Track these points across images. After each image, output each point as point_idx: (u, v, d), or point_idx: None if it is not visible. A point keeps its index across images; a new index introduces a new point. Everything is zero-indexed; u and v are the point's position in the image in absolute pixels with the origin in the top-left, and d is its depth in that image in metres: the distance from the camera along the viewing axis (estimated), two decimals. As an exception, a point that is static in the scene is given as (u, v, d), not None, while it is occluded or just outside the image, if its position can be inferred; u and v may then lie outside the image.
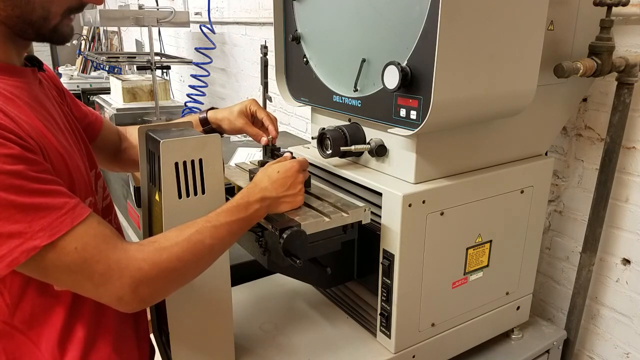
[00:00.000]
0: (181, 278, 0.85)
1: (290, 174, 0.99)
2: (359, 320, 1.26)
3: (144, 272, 0.78)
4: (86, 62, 5.35)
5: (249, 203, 0.92)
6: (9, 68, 0.83)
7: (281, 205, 0.99)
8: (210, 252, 0.86)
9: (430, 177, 1.09)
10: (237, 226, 0.90)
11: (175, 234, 0.83)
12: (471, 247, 1.18)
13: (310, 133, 1.33)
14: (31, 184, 0.71)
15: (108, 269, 0.76)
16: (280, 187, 0.97)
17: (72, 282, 0.77)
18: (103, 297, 0.78)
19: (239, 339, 1.15)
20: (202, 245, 0.84)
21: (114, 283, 0.76)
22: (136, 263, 0.77)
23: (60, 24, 0.85)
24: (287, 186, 0.98)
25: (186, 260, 0.82)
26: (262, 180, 0.97)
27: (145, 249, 0.80)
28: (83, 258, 0.74)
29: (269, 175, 0.98)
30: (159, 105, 3.23)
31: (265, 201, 0.95)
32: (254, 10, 3.01)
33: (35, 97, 0.86)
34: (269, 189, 0.96)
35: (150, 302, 0.83)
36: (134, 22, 3.20)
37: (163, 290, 0.84)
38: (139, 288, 0.77)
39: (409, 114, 1.00)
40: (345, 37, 1.13)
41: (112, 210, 1.08)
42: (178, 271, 0.82)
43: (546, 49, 1.07)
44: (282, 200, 0.98)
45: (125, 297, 0.77)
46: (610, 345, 1.48)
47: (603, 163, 1.33)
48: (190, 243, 0.83)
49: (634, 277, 1.38)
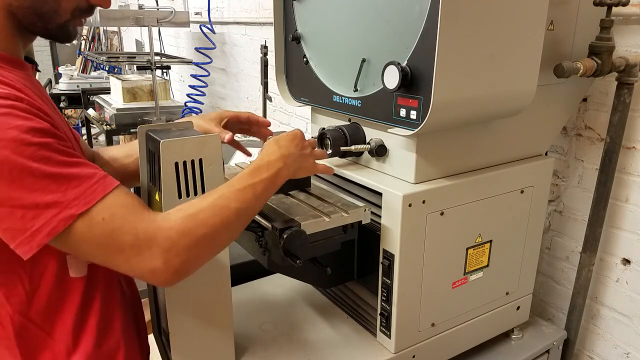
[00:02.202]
0: (212, 244, 0.83)
1: (297, 135, 0.98)
2: (359, 320, 1.27)
3: (173, 240, 0.76)
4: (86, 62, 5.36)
5: (269, 162, 0.91)
6: (18, 61, 0.85)
7: (302, 165, 0.97)
8: (237, 216, 0.84)
9: (430, 177, 1.09)
10: (261, 187, 0.88)
11: (199, 201, 0.82)
12: (471, 247, 1.18)
13: (310, 133, 1.33)
14: (61, 156, 0.73)
15: (136, 240, 0.75)
16: (295, 147, 0.96)
17: (104, 255, 0.76)
18: (136, 270, 0.77)
19: (239, 339, 1.15)
20: (228, 209, 0.83)
21: (144, 254, 0.75)
22: (164, 232, 0.76)
23: (69, 22, 0.86)
24: (300, 147, 0.97)
25: (214, 225, 0.81)
26: (273, 145, 0.95)
27: (172, 217, 0.79)
28: (111, 229, 0.74)
29: (277, 140, 0.96)
30: (159, 105, 3.23)
31: (287, 159, 0.93)
32: (254, 10, 3.01)
33: (39, 91, 0.88)
34: (286, 147, 0.94)
35: (184, 272, 0.80)
36: (134, 22, 3.20)
37: (195, 259, 0.81)
38: (170, 258, 0.76)
39: (409, 114, 1.00)
40: (345, 37, 1.13)
41: None
42: (208, 237, 0.80)
43: (546, 49, 1.07)
44: (302, 158, 0.97)
45: (158, 268, 0.76)
46: (610, 345, 1.48)
47: (603, 163, 1.33)
48: (216, 208, 0.81)
49: (634, 277, 1.38)
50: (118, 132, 3.46)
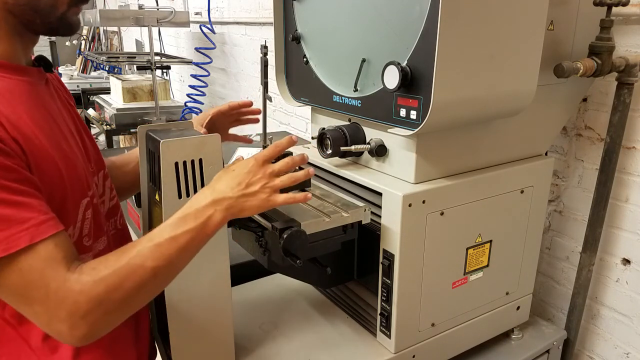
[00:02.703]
0: (123, 308, 0.78)
1: (246, 170, 0.86)
2: (359, 320, 1.27)
3: (80, 306, 0.72)
4: (86, 62, 5.36)
5: (197, 211, 0.82)
6: (11, 66, 0.82)
7: (245, 206, 0.85)
8: (153, 276, 0.78)
9: (430, 177, 1.09)
10: (185, 239, 0.80)
11: (115, 259, 0.77)
12: (471, 247, 1.18)
13: (310, 133, 1.33)
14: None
15: (46, 299, 0.71)
16: (237, 186, 0.85)
17: (16, 304, 0.74)
18: (44, 328, 0.74)
19: (239, 339, 1.15)
20: (143, 269, 0.76)
21: (51, 315, 0.72)
22: (73, 296, 0.72)
23: (67, 12, 0.84)
24: (245, 184, 0.85)
25: (127, 290, 0.75)
26: (216, 181, 0.87)
27: (84, 279, 0.74)
28: (26, 281, 0.71)
29: (222, 176, 0.87)
30: (159, 105, 3.23)
31: (220, 203, 0.83)
32: (254, 10, 3.01)
33: (36, 95, 0.86)
34: (222, 190, 0.84)
35: (92, 336, 0.76)
36: (134, 22, 3.21)
37: (104, 324, 0.76)
38: (76, 323, 0.72)
39: (409, 114, 1.00)
40: (345, 37, 1.13)
41: (118, 211, 1.08)
42: (118, 302, 0.75)
43: (546, 49, 1.07)
44: (242, 200, 0.85)
45: (63, 332, 0.72)
46: (610, 345, 1.48)
47: (603, 163, 1.33)
48: (130, 269, 0.76)
49: (634, 277, 1.38)
50: (118, 132, 3.46)
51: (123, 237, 1.09)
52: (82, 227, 0.89)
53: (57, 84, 1.00)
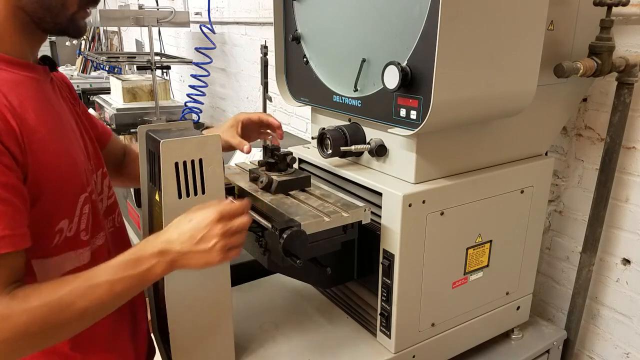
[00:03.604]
0: (43, 342, 0.77)
1: (203, 224, 0.82)
2: (359, 320, 1.26)
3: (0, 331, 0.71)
4: (86, 62, 5.36)
5: (140, 258, 0.80)
6: (19, 62, 0.84)
7: (190, 262, 0.83)
8: (81, 316, 0.77)
9: (430, 177, 1.09)
10: (122, 285, 0.78)
11: (49, 291, 0.75)
12: (471, 247, 1.18)
13: (310, 133, 1.33)
14: None
15: None
16: (189, 240, 0.81)
17: None
18: None
19: (239, 339, 1.15)
20: (72, 308, 0.75)
21: None
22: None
23: (77, 14, 0.86)
24: (198, 239, 0.81)
25: (51, 325, 0.74)
26: (170, 229, 0.84)
27: (13, 305, 0.72)
28: None
29: (179, 223, 0.84)
30: (159, 105, 3.23)
31: (165, 255, 0.81)
32: (254, 10, 3.01)
33: (42, 92, 0.88)
34: (173, 241, 0.81)
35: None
36: (134, 22, 3.20)
37: (17, 353, 0.75)
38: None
39: (409, 114, 1.00)
40: (345, 37, 1.13)
41: (116, 209, 1.09)
42: (39, 335, 0.74)
43: (546, 49, 1.07)
44: (189, 256, 0.82)
45: None
46: (610, 345, 1.48)
47: (603, 163, 1.33)
48: (60, 305, 0.74)
49: (634, 277, 1.38)
50: (118, 132, 3.46)
51: (121, 235, 1.10)
52: (80, 221, 0.91)
53: (61, 83, 1.01)
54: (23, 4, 0.81)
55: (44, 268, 0.87)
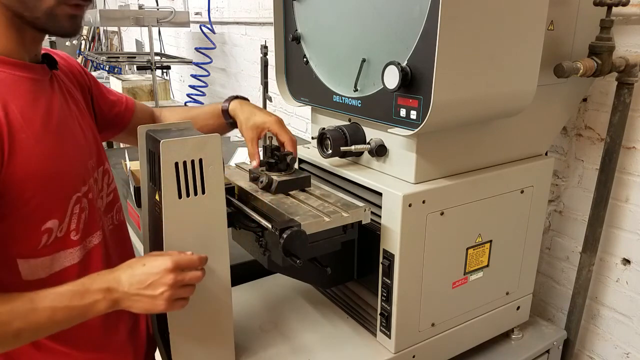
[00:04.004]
0: None
1: (156, 271, 0.82)
2: (359, 320, 1.26)
3: None
4: (86, 62, 5.36)
5: (87, 291, 0.80)
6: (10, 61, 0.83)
7: (134, 304, 0.83)
8: (15, 336, 0.76)
9: (430, 177, 1.09)
10: (63, 315, 0.78)
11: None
12: (471, 247, 1.18)
13: (310, 133, 1.33)
14: None
15: None
16: (138, 283, 0.82)
17: None
18: None
19: (239, 339, 1.15)
20: (8, 327, 0.74)
21: None
22: None
23: (55, 9, 0.81)
24: (147, 284, 0.82)
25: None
26: (122, 268, 0.84)
27: None
28: None
29: (132, 265, 0.85)
30: (159, 105, 3.23)
31: (111, 293, 0.81)
32: (254, 10, 3.01)
33: (34, 91, 0.87)
34: (122, 281, 0.82)
35: None
36: (134, 22, 3.21)
37: None
38: None
39: (409, 114, 1.00)
40: (345, 37, 1.13)
41: (114, 206, 1.09)
42: None
43: (546, 49, 1.07)
44: (135, 298, 0.82)
45: None
46: (610, 345, 1.48)
47: (603, 163, 1.33)
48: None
49: (634, 277, 1.38)
50: (118, 132, 3.46)
51: (120, 232, 1.11)
52: (70, 222, 0.90)
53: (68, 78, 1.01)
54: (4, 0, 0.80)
55: (30, 268, 0.87)
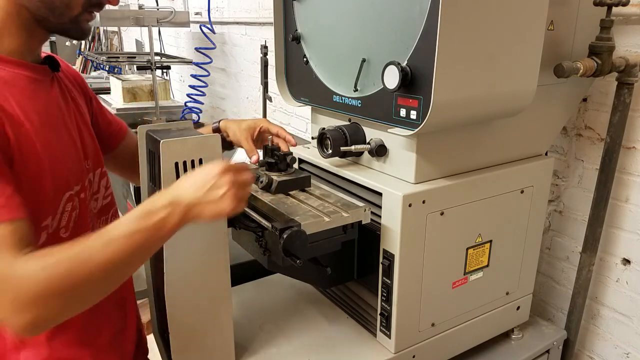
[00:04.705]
0: (70, 301, 0.74)
1: (212, 174, 0.82)
2: (359, 320, 1.26)
3: (22, 291, 0.69)
4: (86, 62, 5.36)
5: (151, 211, 0.78)
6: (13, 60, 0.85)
7: (203, 211, 0.81)
8: (102, 272, 0.75)
9: (430, 177, 1.09)
10: (139, 238, 0.76)
11: (65, 249, 0.74)
12: (471, 247, 1.18)
13: (310, 133, 1.33)
14: None
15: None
16: (200, 189, 0.81)
17: None
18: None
19: (239, 339, 1.15)
20: (91, 263, 0.73)
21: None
22: (16, 281, 0.69)
23: (80, 16, 0.87)
24: (208, 187, 0.81)
25: (72, 280, 0.72)
26: (178, 183, 0.83)
27: (29, 265, 0.71)
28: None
29: (185, 178, 0.84)
30: (159, 105, 3.23)
31: (176, 206, 0.79)
32: (254, 10, 3.01)
33: (34, 90, 0.88)
34: (183, 192, 0.81)
35: (37, 327, 0.72)
36: (134, 22, 3.20)
37: (49, 315, 0.72)
38: (19, 309, 0.69)
39: (409, 114, 1.00)
40: (345, 37, 1.13)
41: (110, 210, 1.09)
42: (63, 292, 0.72)
43: (546, 49, 1.07)
44: (201, 206, 0.81)
45: (7, 318, 0.69)
46: (610, 345, 1.48)
47: (603, 163, 1.33)
48: (78, 261, 0.73)
49: (634, 277, 1.38)
50: (118, 132, 3.45)
51: None
52: (61, 218, 0.91)
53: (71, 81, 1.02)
54: (26, 2, 0.82)
55: None
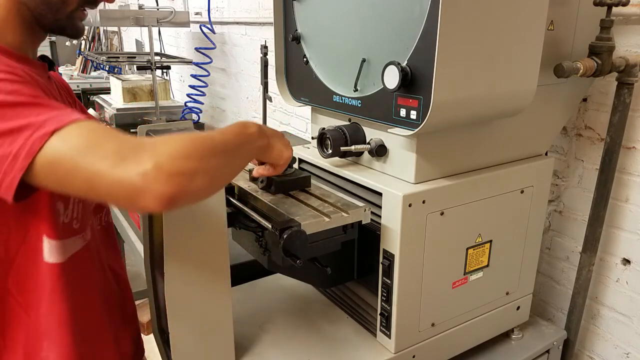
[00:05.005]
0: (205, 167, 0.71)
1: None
2: (359, 320, 1.26)
3: (166, 154, 0.67)
4: (86, 62, 5.35)
5: (247, 125, 0.85)
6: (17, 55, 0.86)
7: (275, 145, 0.93)
8: (223, 149, 0.76)
9: (430, 177, 1.09)
10: (241, 139, 0.82)
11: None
12: (471, 247, 1.18)
13: (310, 133, 1.33)
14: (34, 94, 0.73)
15: (121, 147, 0.66)
16: (277, 134, 0.96)
17: (84, 171, 0.66)
18: (123, 178, 0.65)
19: (239, 339, 1.15)
20: (212, 140, 0.74)
21: (130, 159, 0.65)
22: (150, 140, 0.69)
23: (75, 12, 0.90)
24: (280, 136, 0.96)
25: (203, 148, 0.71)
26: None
27: (159, 138, 0.70)
28: (89, 140, 0.67)
29: None
30: (159, 105, 3.23)
31: (262, 130, 0.89)
32: (254, 10, 3.01)
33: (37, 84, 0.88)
34: (267, 129, 0.92)
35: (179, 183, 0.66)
36: (134, 22, 3.20)
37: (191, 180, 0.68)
38: (162, 161, 0.65)
39: (409, 114, 1.00)
40: (345, 37, 1.13)
41: (104, 208, 1.10)
42: (199, 159, 0.69)
43: (546, 49, 1.07)
44: (274, 141, 0.93)
45: (148, 172, 0.64)
46: (610, 345, 1.48)
47: (603, 163, 1.33)
48: (201, 137, 0.73)
49: (634, 277, 1.38)
50: (118, 132, 3.45)
51: (108, 234, 1.11)
52: (73, 209, 0.93)
53: (59, 84, 1.03)
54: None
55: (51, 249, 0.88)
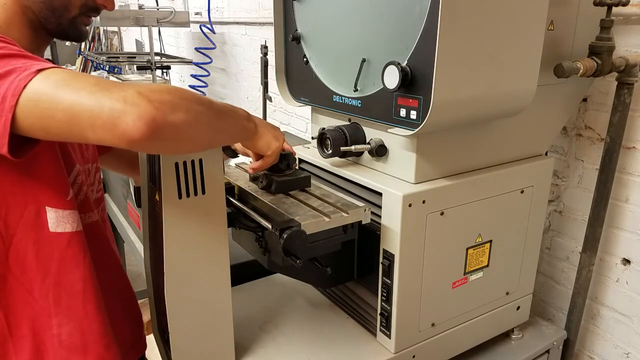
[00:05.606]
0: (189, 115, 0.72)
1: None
2: (359, 320, 1.26)
3: (146, 88, 0.69)
4: (86, 62, 5.35)
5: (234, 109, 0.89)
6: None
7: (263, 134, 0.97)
8: (208, 107, 0.77)
9: (430, 177, 1.09)
10: (221, 106, 0.82)
11: None
12: (471, 247, 1.18)
13: (310, 133, 1.33)
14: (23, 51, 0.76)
15: (101, 80, 0.70)
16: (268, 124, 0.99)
17: (66, 99, 0.68)
18: (106, 105, 0.66)
19: (239, 339, 1.15)
20: (198, 96, 0.77)
21: (113, 90, 0.68)
22: (135, 86, 0.70)
23: (77, 18, 0.93)
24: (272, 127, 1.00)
25: (182, 95, 0.73)
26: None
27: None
28: (74, 74, 0.71)
29: None
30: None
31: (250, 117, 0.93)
32: (254, 10, 3.01)
33: None
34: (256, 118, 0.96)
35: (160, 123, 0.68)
36: (134, 22, 3.21)
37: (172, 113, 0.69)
38: (144, 92, 0.68)
39: (409, 114, 1.00)
40: (345, 37, 1.13)
41: (100, 204, 1.09)
42: (179, 101, 0.71)
43: (546, 49, 1.07)
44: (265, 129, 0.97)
45: (129, 97, 0.66)
46: (610, 345, 1.48)
47: (603, 163, 1.33)
48: (184, 90, 0.76)
49: (634, 277, 1.38)
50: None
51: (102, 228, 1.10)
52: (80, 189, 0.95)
53: None
54: (30, 3, 0.87)
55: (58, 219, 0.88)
